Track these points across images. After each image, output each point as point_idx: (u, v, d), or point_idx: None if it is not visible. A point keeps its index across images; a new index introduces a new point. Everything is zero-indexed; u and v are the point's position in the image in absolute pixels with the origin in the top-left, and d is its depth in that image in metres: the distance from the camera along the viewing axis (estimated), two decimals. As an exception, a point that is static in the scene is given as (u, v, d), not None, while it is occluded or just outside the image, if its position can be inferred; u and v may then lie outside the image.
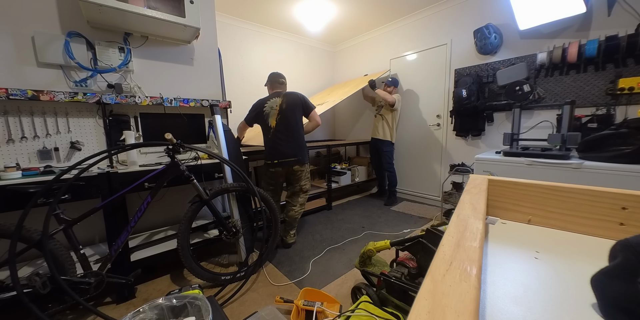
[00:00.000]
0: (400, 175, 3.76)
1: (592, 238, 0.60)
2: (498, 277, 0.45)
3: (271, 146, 2.16)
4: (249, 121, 2.28)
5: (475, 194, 0.63)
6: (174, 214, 2.23)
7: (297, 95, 2.20)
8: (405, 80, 3.62)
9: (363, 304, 1.21)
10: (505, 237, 0.62)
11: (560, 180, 1.40)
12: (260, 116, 2.19)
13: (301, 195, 2.29)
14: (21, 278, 1.19)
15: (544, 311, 0.37)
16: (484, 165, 2.04)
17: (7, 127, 1.58)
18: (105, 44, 1.80)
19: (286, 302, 1.44)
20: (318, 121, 2.23)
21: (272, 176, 2.23)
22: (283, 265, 2.00)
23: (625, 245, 0.34)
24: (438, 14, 3.16)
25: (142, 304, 0.86)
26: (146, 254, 1.74)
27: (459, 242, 0.39)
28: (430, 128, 3.40)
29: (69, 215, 1.37)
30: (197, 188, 1.65)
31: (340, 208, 3.38)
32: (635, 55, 1.95)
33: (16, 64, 1.58)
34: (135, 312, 0.81)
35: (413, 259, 1.28)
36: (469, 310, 0.24)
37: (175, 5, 1.76)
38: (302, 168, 2.19)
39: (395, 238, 1.76)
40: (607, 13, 2.05)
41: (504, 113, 2.71)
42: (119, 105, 1.88)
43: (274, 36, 3.82)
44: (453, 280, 0.29)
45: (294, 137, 2.14)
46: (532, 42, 2.47)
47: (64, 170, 1.34)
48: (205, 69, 2.28)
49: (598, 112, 2.12)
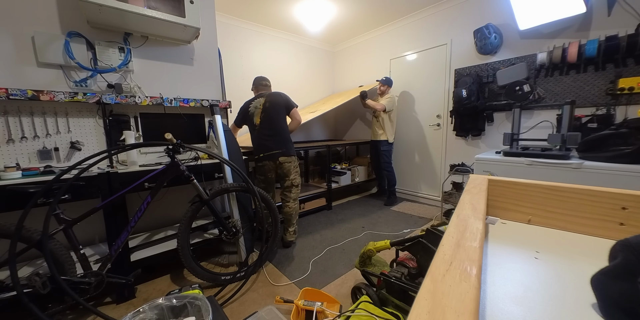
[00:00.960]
0: (400, 175, 3.76)
1: (592, 238, 0.60)
2: (498, 277, 0.45)
3: (257, 142, 2.25)
4: (237, 123, 2.40)
5: (475, 194, 0.63)
6: (174, 214, 2.23)
7: (280, 94, 2.29)
8: (405, 80, 3.62)
9: (363, 304, 1.21)
10: (505, 237, 0.62)
11: (560, 180, 1.40)
12: (247, 116, 2.28)
13: (293, 190, 2.32)
14: (21, 278, 1.19)
15: (544, 311, 0.37)
16: (484, 165, 2.04)
17: (7, 127, 1.58)
18: (105, 44, 1.80)
19: (286, 302, 1.44)
20: (299, 119, 2.34)
21: (262, 171, 2.30)
22: (283, 265, 2.00)
23: (625, 245, 0.34)
24: (438, 14, 3.16)
25: (142, 304, 0.86)
26: (146, 254, 1.74)
27: (459, 242, 0.39)
28: (430, 128, 3.40)
29: (69, 215, 1.37)
30: (197, 188, 1.65)
31: (340, 208, 3.38)
32: (635, 55, 1.94)
33: (16, 64, 1.58)
34: (135, 312, 0.81)
35: (413, 259, 1.28)
36: (469, 310, 0.24)
37: (175, 5, 1.76)
38: (288, 159, 2.25)
39: (395, 238, 1.76)
40: (607, 13, 2.04)
41: (504, 113, 2.71)
42: (119, 105, 1.88)
43: (274, 36, 3.82)
44: (453, 280, 0.29)
45: (277, 132, 2.22)
46: (532, 42, 2.47)
47: (64, 170, 1.34)
48: (205, 69, 2.28)
49: (598, 112, 2.11)
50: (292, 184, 2.30)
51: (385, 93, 3.37)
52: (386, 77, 3.36)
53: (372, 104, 3.29)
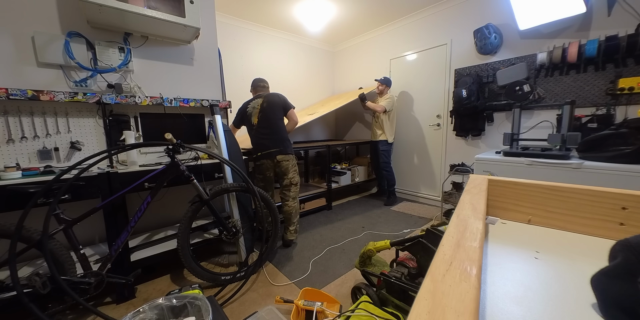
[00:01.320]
0: (400, 175, 3.76)
1: (592, 238, 0.60)
2: (498, 277, 0.45)
3: (255, 142, 2.28)
4: (236, 124, 2.43)
5: (475, 194, 0.63)
6: (174, 214, 2.23)
7: (278, 95, 2.32)
8: (405, 80, 3.62)
9: (363, 304, 1.21)
10: (505, 237, 0.62)
11: (560, 180, 1.40)
12: (245, 116, 2.31)
13: (292, 189, 2.34)
14: (21, 278, 1.19)
15: (544, 311, 0.37)
16: (484, 165, 2.04)
17: (7, 127, 1.58)
18: (105, 44, 1.80)
19: (286, 302, 1.44)
20: (296, 120, 2.38)
21: (260, 170, 2.32)
22: (283, 265, 2.00)
23: (625, 245, 0.34)
24: (438, 14, 3.16)
25: (142, 304, 0.86)
26: (146, 254, 1.74)
27: (459, 242, 0.39)
28: (431, 128, 3.40)
29: (69, 215, 1.37)
30: (197, 188, 1.65)
31: (340, 208, 3.38)
32: (635, 55, 1.94)
33: (16, 64, 1.58)
34: (135, 312, 0.81)
35: (413, 259, 1.28)
36: (469, 310, 0.24)
37: (175, 5, 1.76)
38: (286, 158, 2.26)
39: (395, 238, 1.76)
40: (607, 13, 2.04)
41: (504, 113, 2.71)
42: (119, 105, 1.88)
43: (274, 36, 3.82)
44: (453, 280, 0.29)
45: (275, 131, 2.24)
46: (532, 42, 2.47)
47: (64, 170, 1.34)
48: (205, 69, 2.28)
49: (598, 112, 2.11)
50: (291, 182, 2.31)
51: (384, 93, 3.37)
52: (385, 77, 3.36)
53: (372, 106, 3.31)
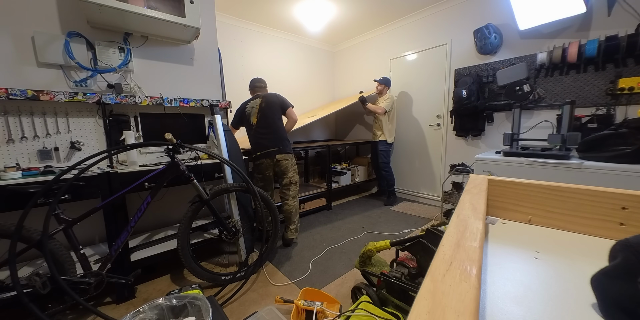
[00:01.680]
0: (400, 175, 3.76)
1: (592, 238, 0.60)
2: (498, 277, 0.45)
3: (254, 141, 2.28)
4: (234, 124, 2.42)
5: (475, 194, 0.63)
6: (174, 214, 2.23)
7: (276, 95, 2.33)
8: (405, 80, 3.62)
9: (363, 304, 1.21)
10: (505, 237, 0.62)
11: (560, 180, 1.40)
12: (243, 116, 2.32)
13: (291, 188, 2.34)
14: (21, 278, 1.19)
15: (544, 311, 0.37)
16: (484, 165, 2.04)
17: (7, 127, 1.58)
18: (105, 44, 1.80)
19: (286, 302, 1.44)
20: (295, 118, 2.38)
21: (259, 170, 2.32)
22: (283, 265, 2.00)
23: (625, 245, 0.34)
24: (438, 14, 3.16)
25: (142, 304, 0.86)
26: (146, 254, 1.74)
27: (459, 242, 0.39)
28: (431, 128, 3.40)
29: (69, 215, 1.37)
30: (197, 188, 1.65)
31: (340, 208, 3.38)
32: (635, 55, 1.94)
33: (16, 64, 1.58)
34: (135, 312, 0.81)
35: (413, 259, 1.28)
36: (469, 310, 0.24)
37: (175, 5, 1.75)
38: (286, 157, 2.27)
39: (395, 238, 1.76)
40: (607, 13, 2.04)
41: (504, 113, 2.71)
42: (119, 105, 1.88)
43: (274, 36, 3.82)
44: (453, 280, 0.29)
45: (274, 130, 2.25)
46: (532, 42, 2.47)
47: (64, 170, 1.34)
48: (205, 69, 2.28)
49: (598, 112, 2.11)
50: (291, 181, 2.31)
51: (383, 93, 3.37)
52: (384, 77, 3.36)
53: (373, 108, 3.32)
